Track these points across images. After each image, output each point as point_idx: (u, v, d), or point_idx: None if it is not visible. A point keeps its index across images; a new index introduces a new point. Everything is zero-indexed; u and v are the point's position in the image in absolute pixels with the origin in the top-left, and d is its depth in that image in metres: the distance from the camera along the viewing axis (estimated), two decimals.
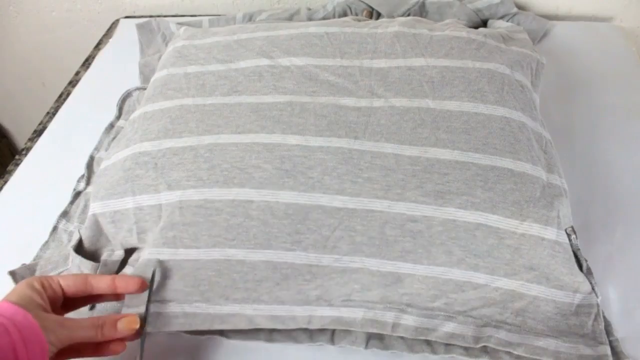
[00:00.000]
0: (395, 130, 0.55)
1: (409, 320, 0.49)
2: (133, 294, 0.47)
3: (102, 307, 0.54)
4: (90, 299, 0.48)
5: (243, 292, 0.50)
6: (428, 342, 0.50)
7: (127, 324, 0.45)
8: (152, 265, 0.49)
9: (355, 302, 0.50)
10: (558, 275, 0.48)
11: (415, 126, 0.55)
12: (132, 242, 0.55)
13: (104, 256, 0.56)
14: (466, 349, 0.49)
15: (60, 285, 0.45)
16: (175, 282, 0.50)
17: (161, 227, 0.52)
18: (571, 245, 0.51)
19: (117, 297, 0.49)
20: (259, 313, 0.50)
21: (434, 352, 0.49)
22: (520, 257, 0.49)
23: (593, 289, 0.50)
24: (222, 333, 0.51)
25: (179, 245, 0.51)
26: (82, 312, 0.54)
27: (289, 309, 0.50)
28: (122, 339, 0.46)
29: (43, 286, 0.43)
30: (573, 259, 0.50)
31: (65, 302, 0.46)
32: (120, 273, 0.56)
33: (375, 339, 0.50)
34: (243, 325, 0.49)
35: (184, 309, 0.49)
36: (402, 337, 0.50)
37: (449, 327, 0.48)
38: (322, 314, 0.49)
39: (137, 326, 0.45)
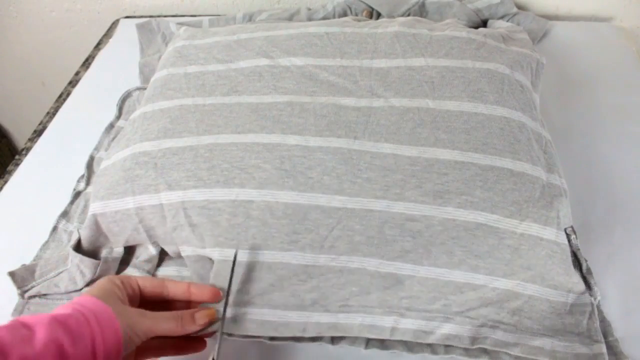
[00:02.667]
0: (394, 131, 0.55)
1: (408, 324, 0.49)
2: (207, 302, 0.47)
3: None
4: (164, 306, 0.47)
5: (234, 294, 0.50)
6: (428, 343, 0.50)
7: (205, 316, 0.45)
8: (228, 266, 0.49)
9: (353, 307, 0.49)
10: (554, 275, 0.48)
11: (414, 126, 0.55)
12: (140, 239, 0.55)
13: (103, 254, 0.56)
14: (466, 349, 0.49)
15: (139, 285, 0.45)
16: None
17: (170, 228, 0.52)
18: (571, 245, 0.51)
19: (189, 305, 0.48)
20: (250, 317, 0.49)
21: (433, 352, 0.49)
22: (519, 257, 0.49)
23: (592, 288, 0.50)
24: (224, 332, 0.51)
25: (188, 246, 0.52)
26: None
27: (282, 314, 0.49)
28: (201, 337, 0.46)
29: (123, 283, 0.44)
30: (570, 260, 0.50)
31: (139, 305, 0.46)
32: (123, 273, 0.56)
33: (376, 340, 0.50)
34: (231, 329, 0.49)
35: None
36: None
37: (446, 328, 0.48)
38: (317, 320, 0.49)
39: (214, 318, 0.45)
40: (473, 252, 0.49)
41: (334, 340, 0.51)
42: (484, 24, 0.83)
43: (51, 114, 0.79)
